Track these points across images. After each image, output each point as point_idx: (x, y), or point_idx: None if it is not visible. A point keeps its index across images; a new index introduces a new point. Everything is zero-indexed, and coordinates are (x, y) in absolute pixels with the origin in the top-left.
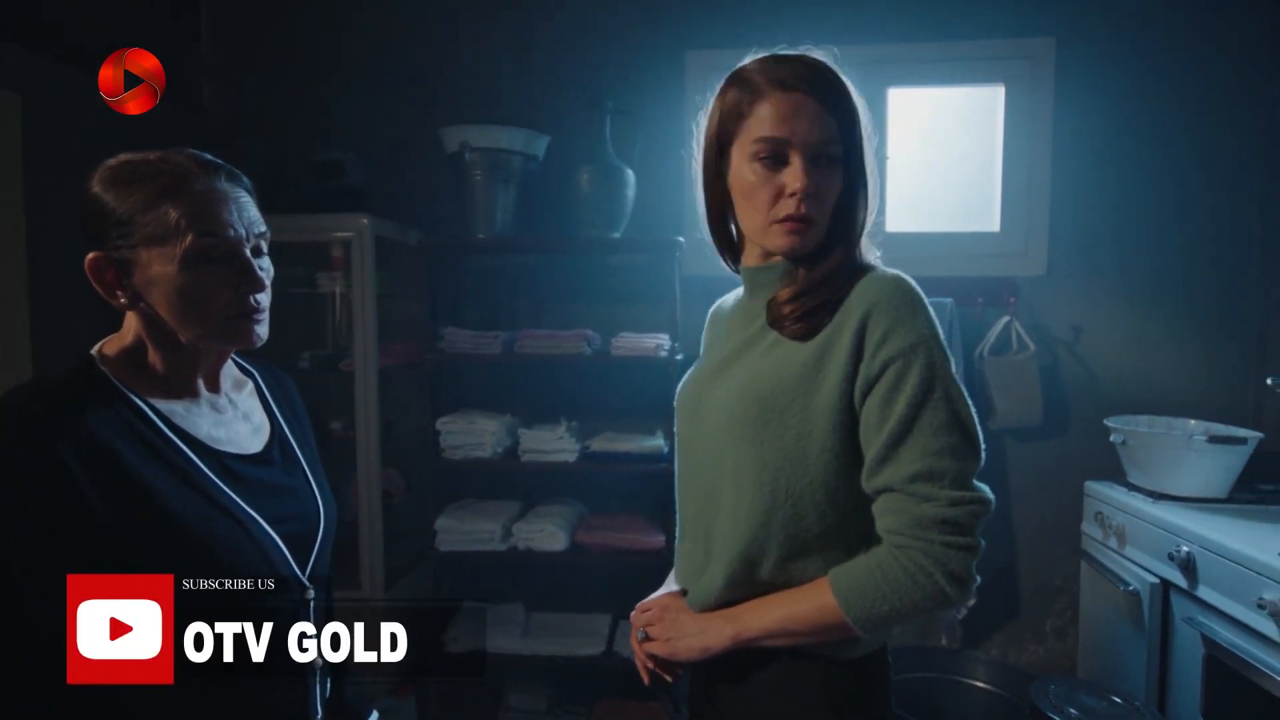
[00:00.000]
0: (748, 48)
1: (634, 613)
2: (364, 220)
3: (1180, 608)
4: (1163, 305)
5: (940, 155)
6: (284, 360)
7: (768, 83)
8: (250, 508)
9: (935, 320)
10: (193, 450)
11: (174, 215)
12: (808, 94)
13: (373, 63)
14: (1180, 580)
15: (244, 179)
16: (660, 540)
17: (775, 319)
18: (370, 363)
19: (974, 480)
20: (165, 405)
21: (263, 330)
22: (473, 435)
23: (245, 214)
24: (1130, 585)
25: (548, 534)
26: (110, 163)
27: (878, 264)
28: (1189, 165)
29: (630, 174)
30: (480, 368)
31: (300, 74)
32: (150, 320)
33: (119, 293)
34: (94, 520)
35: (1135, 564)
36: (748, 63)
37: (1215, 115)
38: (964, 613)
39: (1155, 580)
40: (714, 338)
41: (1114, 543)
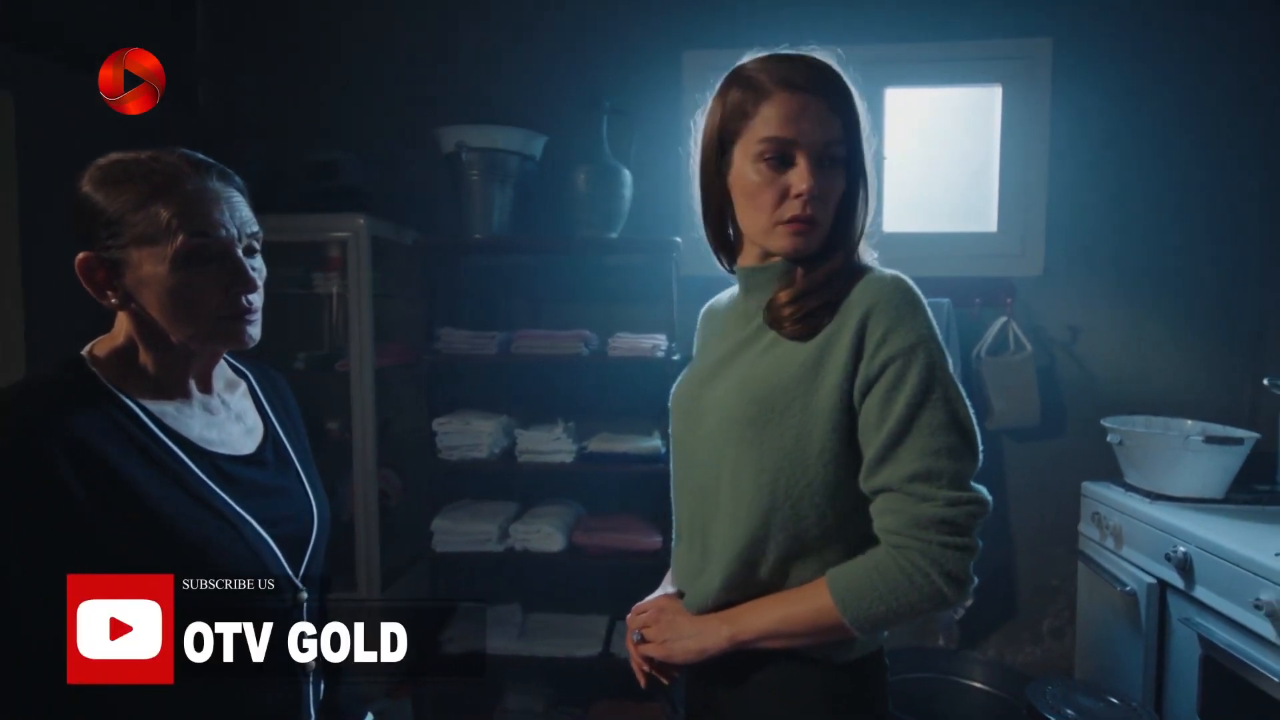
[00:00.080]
0: (745, 48)
1: (630, 615)
2: (360, 220)
3: (1177, 608)
4: (1160, 306)
5: (937, 155)
6: (280, 360)
7: (773, 82)
8: (242, 509)
9: (934, 321)
10: (184, 451)
11: (165, 215)
12: (814, 94)
13: (369, 62)
14: (1177, 581)
15: (236, 179)
16: (658, 541)
17: (774, 319)
18: (366, 363)
19: (972, 481)
20: (156, 406)
21: (255, 331)
22: (469, 436)
23: (237, 214)
24: (1127, 586)
25: (545, 535)
26: (101, 162)
27: (874, 264)
28: (1186, 166)
29: (627, 174)
30: (477, 368)
31: (296, 74)
32: (141, 321)
33: (109, 293)
34: (83, 521)
35: (1132, 564)
36: (749, 61)
37: (1212, 115)
38: (961, 613)
39: (1152, 581)
40: (708, 338)
41: (1111, 543)
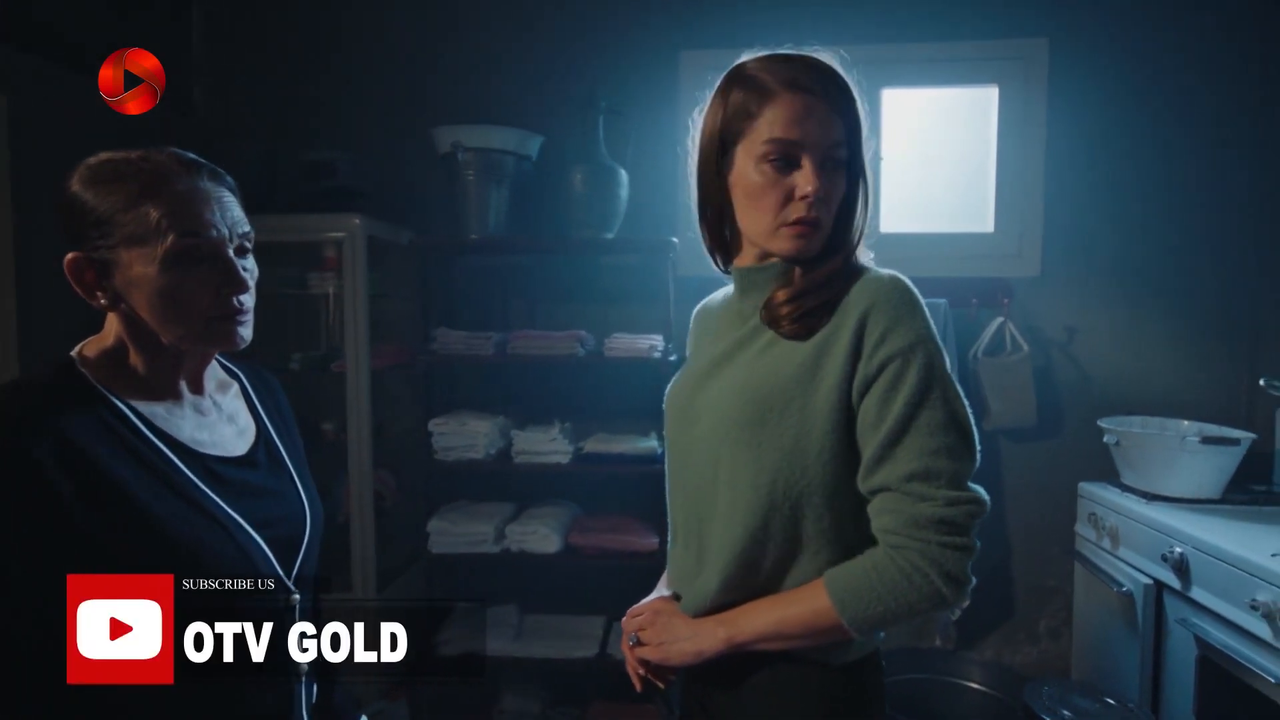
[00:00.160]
0: (742, 48)
1: (625, 618)
2: (356, 220)
3: (1173, 609)
4: (1156, 306)
5: (934, 156)
6: (275, 361)
7: (779, 83)
8: (233, 511)
9: (931, 320)
10: (174, 453)
11: (155, 215)
12: (819, 96)
13: (365, 62)
14: (1173, 581)
15: (227, 178)
16: (654, 542)
17: (772, 318)
18: (362, 364)
19: (969, 481)
20: (146, 407)
21: (246, 332)
22: (465, 437)
23: (228, 214)
24: (1124, 586)
25: (541, 536)
26: (90, 161)
27: (871, 265)
28: (1182, 166)
29: (624, 174)
30: (473, 369)
31: (292, 74)
32: (131, 321)
33: (99, 294)
34: (72, 524)
35: (1129, 565)
36: (750, 60)
37: (1208, 116)
38: (958, 614)
39: (1149, 581)
40: (701, 339)
41: (1107, 544)
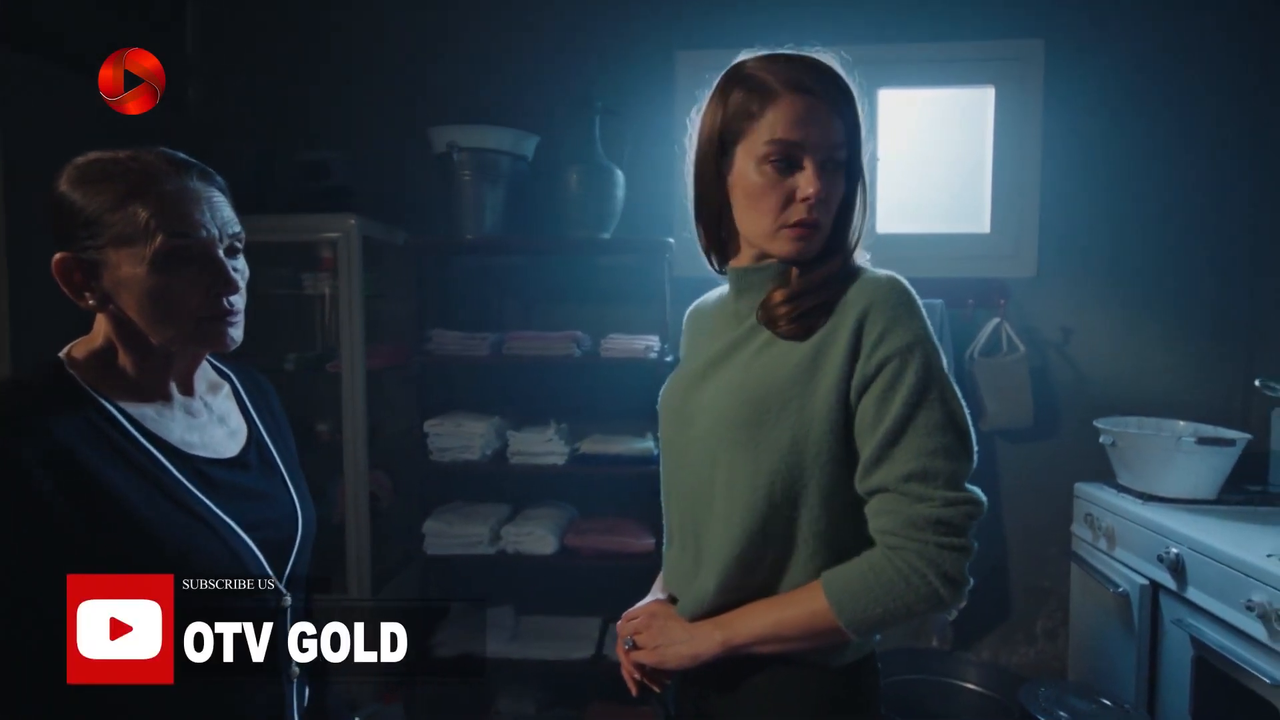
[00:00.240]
0: (738, 48)
1: (620, 622)
2: (351, 220)
3: (1169, 609)
4: (1152, 307)
5: (930, 156)
6: (270, 361)
7: (781, 84)
8: (224, 513)
9: (929, 321)
10: (164, 455)
11: (143, 215)
12: (821, 98)
13: (361, 62)
14: (1169, 582)
15: (217, 178)
16: (651, 543)
17: (770, 318)
18: (357, 364)
19: (966, 482)
20: (136, 409)
21: (236, 333)
22: (461, 438)
23: (219, 214)
24: (1120, 587)
25: (537, 537)
26: (78, 161)
27: (867, 265)
28: (1178, 167)
29: (620, 174)
30: (468, 369)
31: (287, 74)
32: (120, 322)
33: (87, 294)
34: (60, 526)
35: (1125, 565)
36: (750, 60)
37: (1204, 117)
38: (954, 614)
39: (1145, 582)
40: (695, 339)
41: (1104, 544)
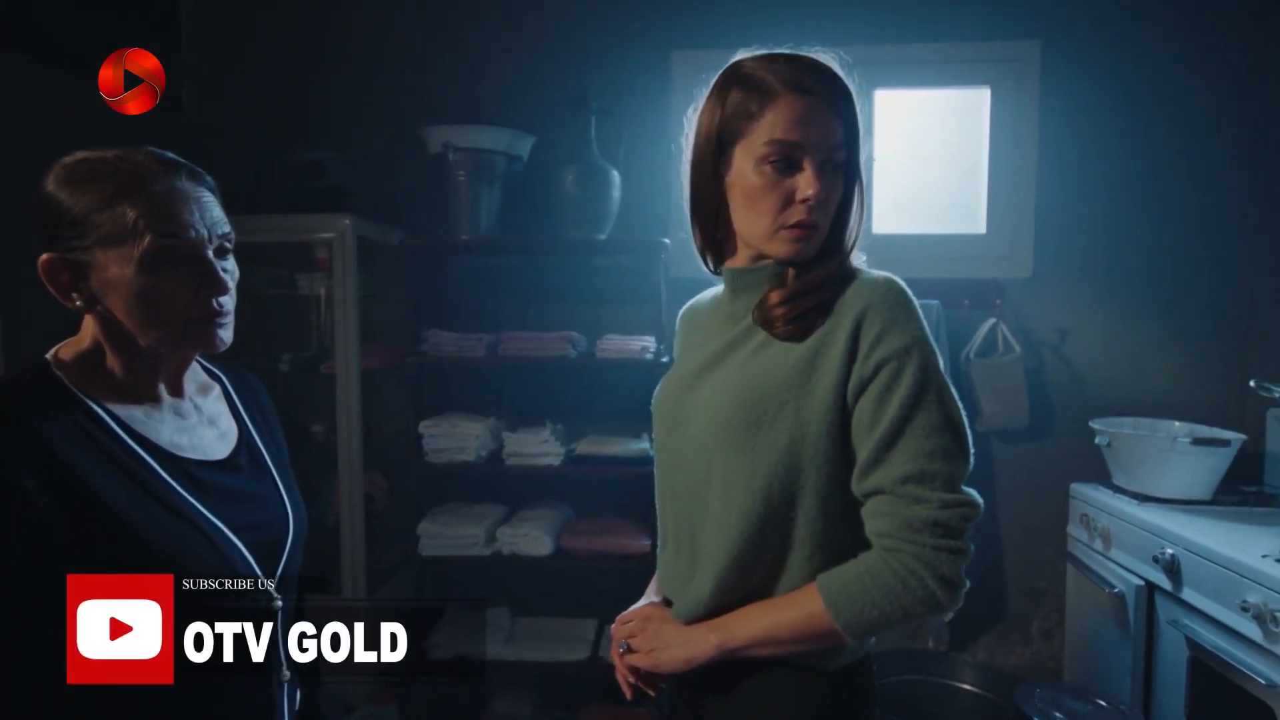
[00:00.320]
0: (734, 49)
1: (614, 625)
2: (346, 221)
3: (1165, 610)
4: (1148, 308)
5: (926, 157)
6: (265, 362)
7: (781, 84)
8: (213, 515)
9: (925, 322)
10: (153, 457)
11: (131, 215)
12: (820, 98)
13: (355, 62)
14: (1165, 583)
15: (207, 178)
16: (647, 544)
17: (766, 319)
18: (352, 365)
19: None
20: (124, 411)
21: (226, 334)
22: (456, 438)
23: (208, 214)
24: (1115, 588)
25: (532, 539)
26: (66, 160)
27: (864, 266)
28: (1174, 168)
29: (615, 175)
30: (464, 370)
31: (282, 74)
32: (108, 323)
33: (74, 295)
34: (47, 529)
35: (1120, 566)
36: (749, 60)
37: (1200, 117)
38: (951, 615)
39: (1140, 583)
40: (689, 340)
41: (1099, 545)
